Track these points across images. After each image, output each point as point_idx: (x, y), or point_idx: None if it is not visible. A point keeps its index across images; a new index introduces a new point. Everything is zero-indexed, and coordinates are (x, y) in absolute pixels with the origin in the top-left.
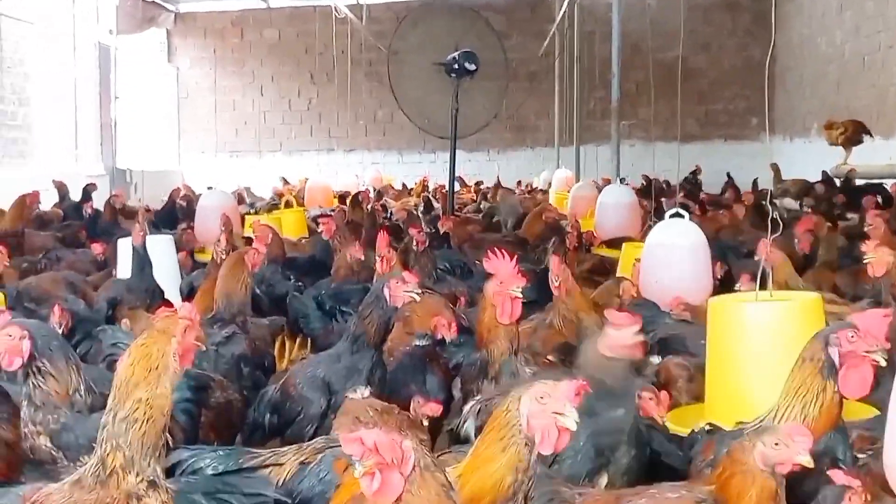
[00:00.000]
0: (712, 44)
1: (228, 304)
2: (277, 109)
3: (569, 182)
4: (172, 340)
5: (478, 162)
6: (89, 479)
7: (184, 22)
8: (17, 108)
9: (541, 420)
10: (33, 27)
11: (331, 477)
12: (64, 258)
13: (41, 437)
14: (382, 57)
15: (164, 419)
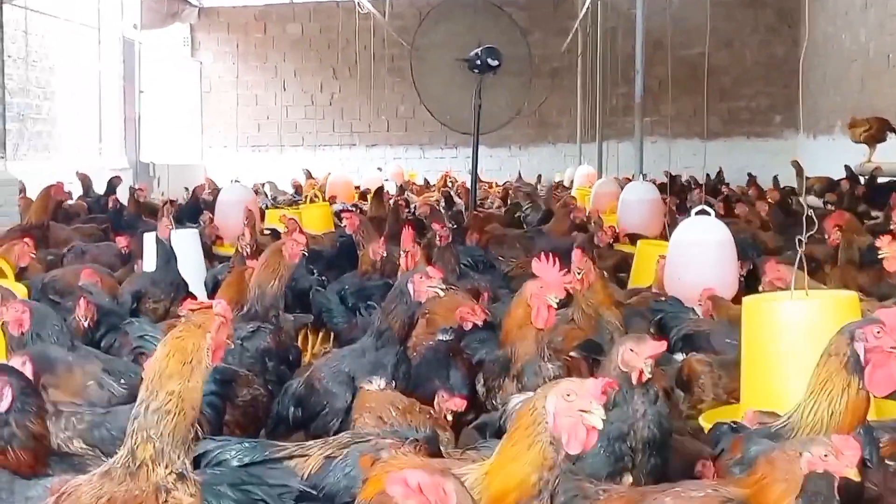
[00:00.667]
0: (735, 40)
1: (262, 296)
2: (300, 104)
3: (591, 178)
4: (207, 336)
5: (500, 158)
6: (119, 470)
7: (207, 17)
8: (42, 101)
9: (567, 418)
10: (59, 21)
11: (356, 472)
12: (88, 251)
13: (74, 441)
14: (405, 52)
15: (194, 413)
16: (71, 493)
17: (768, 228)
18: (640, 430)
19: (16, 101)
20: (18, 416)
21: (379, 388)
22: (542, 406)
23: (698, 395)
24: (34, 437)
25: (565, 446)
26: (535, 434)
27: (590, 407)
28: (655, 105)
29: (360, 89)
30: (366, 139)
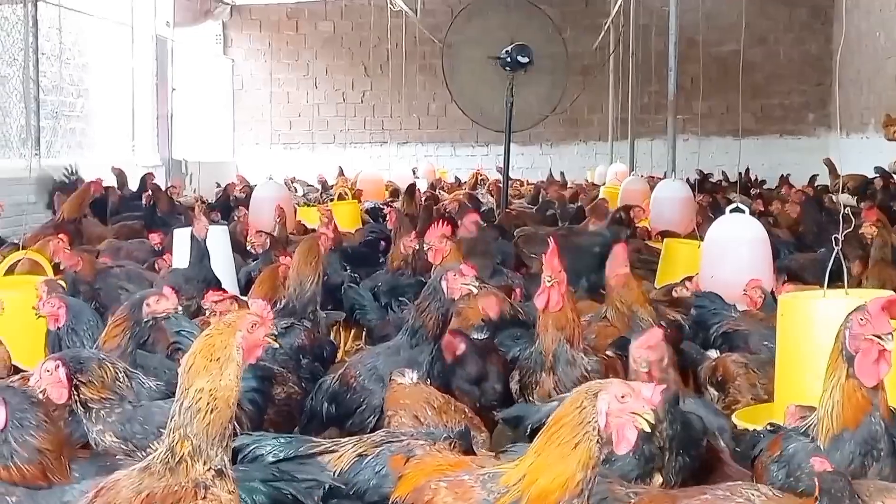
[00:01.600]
0: (768, 37)
1: (301, 291)
2: (331, 102)
3: (622, 177)
4: (237, 334)
5: (531, 156)
6: (158, 466)
7: (239, 14)
8: (75, 98)
9: (619, 419)
10: (92, 19)
11: (386, 472)
12: (122, 248)
13: (106, 435)
14: (436, 50)
15: (229, 410)
16: (111, 488)
17: (797, 227)
18: (664, 430)
19: (49, 99)
20: (17, 433)
21: (411, 382)
22: (591, 405)
23: (734, 395)
24: (38, 451)
25: (615, 446)
26: (582, 433)
27: (643, 410)
28: (687, 103)
29: (391, 87)
30: (397, 137)
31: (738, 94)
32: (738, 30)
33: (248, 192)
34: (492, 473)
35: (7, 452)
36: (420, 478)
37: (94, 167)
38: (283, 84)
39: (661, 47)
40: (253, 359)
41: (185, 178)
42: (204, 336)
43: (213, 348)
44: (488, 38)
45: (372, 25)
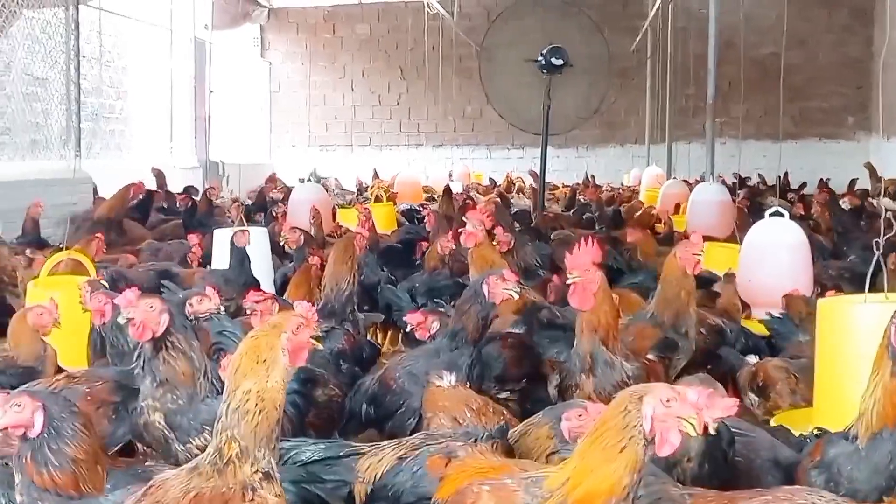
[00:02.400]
0: (808, 40)
1: (338, 292)
2: (367, 104)
3: (659, 180)
4: (282, 336)
5: (566, 158)
6: (207, 466)
7: (277, 17)
8: (115, 101)
9: (665, 423)
10: (132, 22)
11: (422, 472)
12: (162, 249)
13: (156, 413)
14: (472, 52)
15: (276, 412)
16: (159, 487)
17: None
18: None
19: (90, 101)
20: (52, 441)
21: (450, 384)
22: (636, 409)
23: (775, 400)
24: (72, 460)
25: (657, 448)
26: (628, 437)
27: (689, 415)
28: (725, 105)
29: (427, 89)
30: (432, 139)
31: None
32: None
33: (285, 193)
34: (535, 477)
35: (42, 459)
36: (462, 480)
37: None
38: (320, 86)
39: (699, 50)
40: (299, 361)
41: (223, 180)
42: (250, 338)
43: (259, 350)
44: (525, 40)
45: (409, 28)
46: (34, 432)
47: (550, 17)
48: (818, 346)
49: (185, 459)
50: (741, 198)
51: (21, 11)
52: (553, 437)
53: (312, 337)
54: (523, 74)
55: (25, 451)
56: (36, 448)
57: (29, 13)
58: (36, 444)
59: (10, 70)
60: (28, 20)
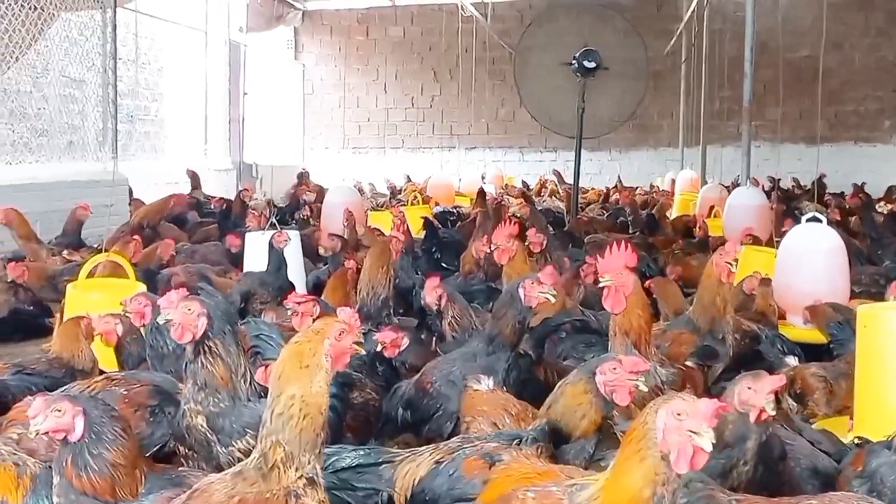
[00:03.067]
0: (844, 43)
1: (374, 296)
2: (400, 106)
3: (694, 183)
4: (325, 341)
5: (599, 161)
6: (251, 471)
7: (311, 19)
8: (150, 103)
9: (676, 436)
10: (167, 24)
11: (458, 474)
12: (198, 251)
13: (199, 416)
14: (505, 55)
15: (321, 417)
16: (204, 491)
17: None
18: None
19: (125, 103)
20: (92, 445)
21: (488, 388)
22: (652, 421)
23: (812, 408)
24: (111, 465)
25: (673, 465)
26: (645, 448)
27: (700, 429)
28: (760, 108)
29: (460, 92)
30: (465, 142)
31: (811, 99)
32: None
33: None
34: (580, 485)
35: (81, 463)
36: (507, 485)
37: (168, 171)
38: (353, 89)
39: (734, 52)
40: (341, 366)
41: (256, 182)
42: (293, 343)
43: (303, 356)
44: (560, 43)
45: (442, 30)
46: (75, 436)
47: (585, 20)
48: (858, 352)
49: (227, 462)
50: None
51: (58, 14)
52: (588, 391)
53: (355, 343)
54: (557, 77)
55: (66, 454)
56: (76, 452)
57: (66, 15)
58: (76, 448)
59: (47, 72)
60: (65, 22)
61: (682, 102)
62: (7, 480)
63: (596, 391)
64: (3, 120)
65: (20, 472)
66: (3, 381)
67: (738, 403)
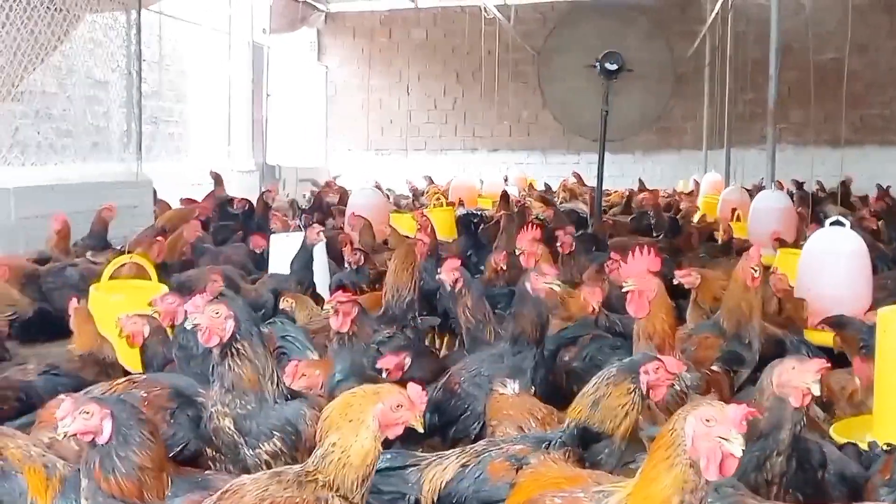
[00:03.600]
0: (869, 45)
1: (398, 299)
2: (423, 109)
3: (717, 186)
4: (378, 405)
5: (622, 164)
6: (290, 476)
7: (334, 21)
8: (174, 104)
9: (705, 443)
10: (191, 26)
11: (484, 476)
12: (221, 253)
13: (226, 418)
14: (528, 57)
15: (365, 468)
16: (235, 491)
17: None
18: (776, 465)
19: (149, 104)
20: (120, 448)
21: (513, 392)
22: (680, 427)
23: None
24: (139, 468)
25: (703, 472)
26: (674, 455)
27: (729, 435)
28: (784, 111)
29: (483, 94)
30: (488, 144)
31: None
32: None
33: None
34: (607, 492)
35: (109, 465)
36: (535, 489)
37: (191, 172)
38: (376, 90)
39: (758, 54)
40: (392, 435)
41: (279, 184)
42: (349, 393)
43: (350, 409)
44: (584, 45)
45: (466, 33)
46: (102, 439)
47: (608, 23)
48: (878, 355)
49: (254, 465)
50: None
51: (83, 15)
52: (632, 391)
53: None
54: (581, 80)
55: (93, 457)
56: (104, 455)
57: (91, 17)
58: (104, 450)
59: (72, 73)
60: (90, 24)
61: (705, 105)
62: (37, 481)
63: (640, 391)
64: (28, 121)
65: (49, 473)
66: (31, 382)
67: (776, 387)
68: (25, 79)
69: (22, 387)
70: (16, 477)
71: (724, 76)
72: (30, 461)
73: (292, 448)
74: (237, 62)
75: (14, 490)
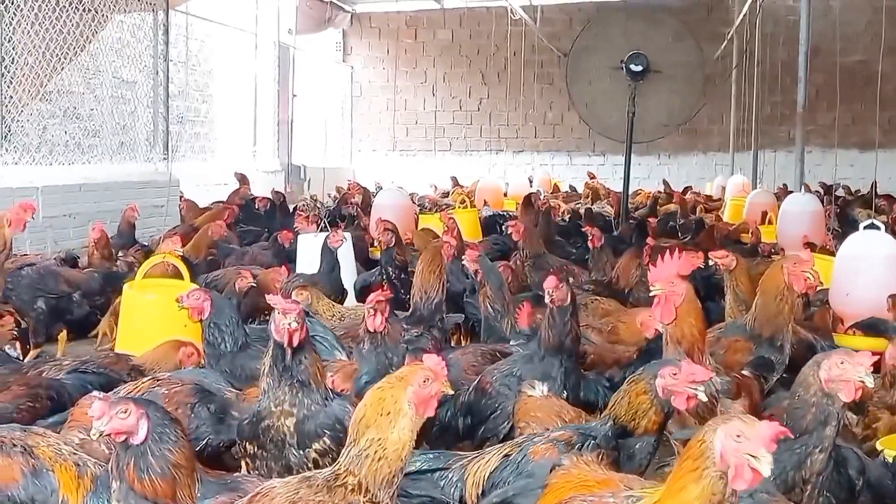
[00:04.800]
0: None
1: (427, 300)
2: (448, 109)
3: (744, 188)
4: (409, 389)
5: (648, 166)
6: (320, 481)
7: (359, 22)
8: (200, 104)
9: (734, 458)
10: (218, 27)
11: (527, 459)
12: (248, 253)
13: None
14: (553, 58)
15: (400, 462)
16: (266, 494)
17: None
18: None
19: (176, 104)
20: (155, 447)
21: (542, 394)
22: (710, 440)
23: (874, 413)
24: (173, 466)
25: (731, 483)
26: (703, 467)
27: (758, 453)
28: (812, 113)
29: (508, 95)
30: (513, 145)
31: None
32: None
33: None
34: (636, 497)
35: (144, 466)
36: (566, 491)
37: (218, 172)
38: (401, 91)
39: (786, 56)
40: (428, 412)
41: (304, 184)
42: (376, 389)
43: (384, 402)
44: (611, 47)
45: (492, 33)
46: (138, 439)
47: (635, 24)
48: None
49: (299, 464)
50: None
51: (111, 16)
52: (647, 392)
53: (442, 388)
54: (607, 81)
55: (126, 458)
56: (139, 455)
57: (119, 17)
58: (138, 451)
59: (99, 73)
60: (118, 24)
61: (732, 107)
62: (68, 480)
63: (655, 393)
64: (55, 121)
65: (81, 472)
66: (59, 380)
67: (824, 382)
68: (53, 78)
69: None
70: (48, 475)
71: (751, 78)
72: (61, 459)
73: (339, 445)
74: (263, 62)
75: (46, 488)
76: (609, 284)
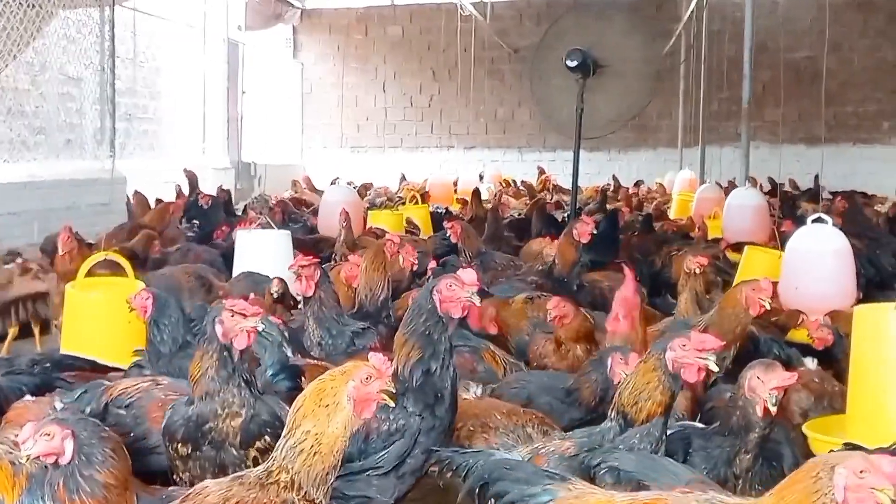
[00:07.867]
0: (843, 44)
1: (372, 298)
2: (399, 106)
3: (692, 184)
4: (349, 383)
5: (598, 162)
6: (252, 479)
7: (309, 18)
8: (148, 101)
9: (859, 494)
10: (166, 22)
11: None
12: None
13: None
14: (504, 55)
15: (333, 458)
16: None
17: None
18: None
19: (123, 101)
20: (83, 467)
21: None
22: (828, 478)
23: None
24: (102, 487)
25: None
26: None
27: (883, 486)
28: (759, 109)
29: (459, 91)
30: (464, 141)
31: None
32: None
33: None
34: None
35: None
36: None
37: (166, 170)
38: (352, 88)
39: (733, 53)
40: (366, 414)
41: (254, 181)
42: (317, 381)
43: (323, 394)
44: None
45: (442, 30)
46: (65, 459)
47: (585, 20)
48: (853, 353)
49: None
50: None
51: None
52: (658, 368)
53: (383, 390)
54: (559, 77)
55: (57, 478)
56: (68, 475)
57: (64, 13)
58: (67, 470)
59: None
60: (63, 20)
61: (680, 103)
62: (3, 479)
63: (665, 368)
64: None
65: (16, 470)
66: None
67: (746, 391)
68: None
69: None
70: None
71: (698, 74)
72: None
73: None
74: (212, 59)
75: None
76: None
